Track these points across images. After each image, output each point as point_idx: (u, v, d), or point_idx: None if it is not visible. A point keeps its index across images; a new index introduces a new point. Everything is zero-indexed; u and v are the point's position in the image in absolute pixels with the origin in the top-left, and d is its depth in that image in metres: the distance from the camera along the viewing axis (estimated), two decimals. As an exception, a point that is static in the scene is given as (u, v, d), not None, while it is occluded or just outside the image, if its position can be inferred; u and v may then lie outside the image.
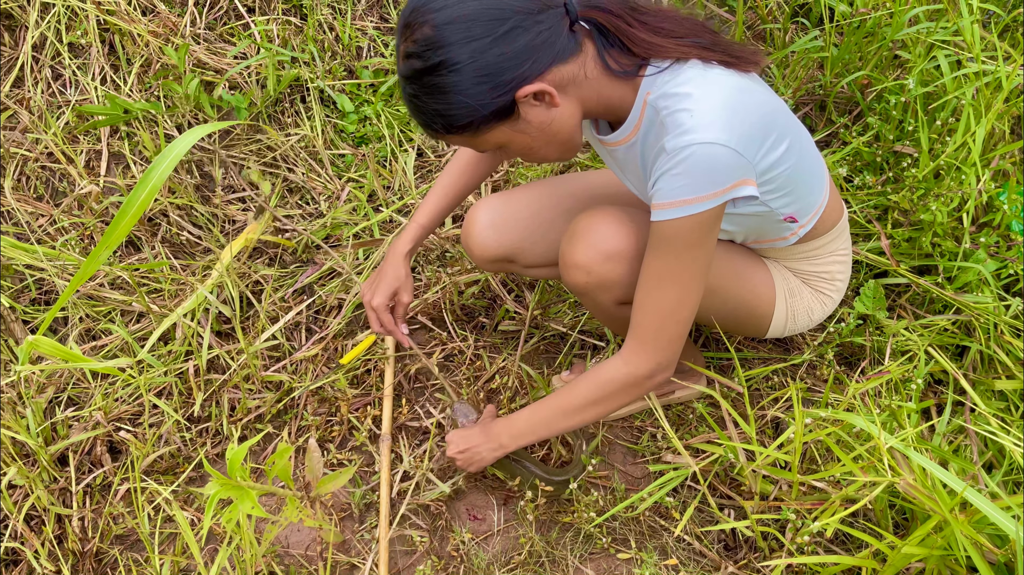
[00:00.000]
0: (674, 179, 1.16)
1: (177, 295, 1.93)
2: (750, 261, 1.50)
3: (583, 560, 1.57)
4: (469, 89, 1.12)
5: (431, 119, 1.18)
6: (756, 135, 1.19)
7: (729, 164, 1.15)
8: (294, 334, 1.93)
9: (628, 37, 1.20)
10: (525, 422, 1.46)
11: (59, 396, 1.80)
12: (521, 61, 1.12)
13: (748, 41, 2.43)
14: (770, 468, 1.44)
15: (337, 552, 1.60)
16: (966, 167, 1.78)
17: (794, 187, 1.32)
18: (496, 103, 1.14)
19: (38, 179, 2.13)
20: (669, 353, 1.30)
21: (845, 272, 1.56)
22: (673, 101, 1.17)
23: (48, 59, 2.24)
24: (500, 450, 1.49)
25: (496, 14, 1.10)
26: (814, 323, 1.58)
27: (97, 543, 1.63)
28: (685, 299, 1.25)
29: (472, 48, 1.09)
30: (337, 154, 2.27)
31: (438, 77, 1.12)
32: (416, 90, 1.15)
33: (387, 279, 1.62)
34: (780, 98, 1.34)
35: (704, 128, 1.13)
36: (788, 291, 1.52)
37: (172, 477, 1.70)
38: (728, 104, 1.16)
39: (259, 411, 1.78)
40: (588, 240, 1.36)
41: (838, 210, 1.50)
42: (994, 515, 1.14)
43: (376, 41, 2.45)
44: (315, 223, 2.10)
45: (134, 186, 2.08)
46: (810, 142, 1.38)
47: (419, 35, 1.11)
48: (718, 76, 1.19)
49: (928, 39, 1.95)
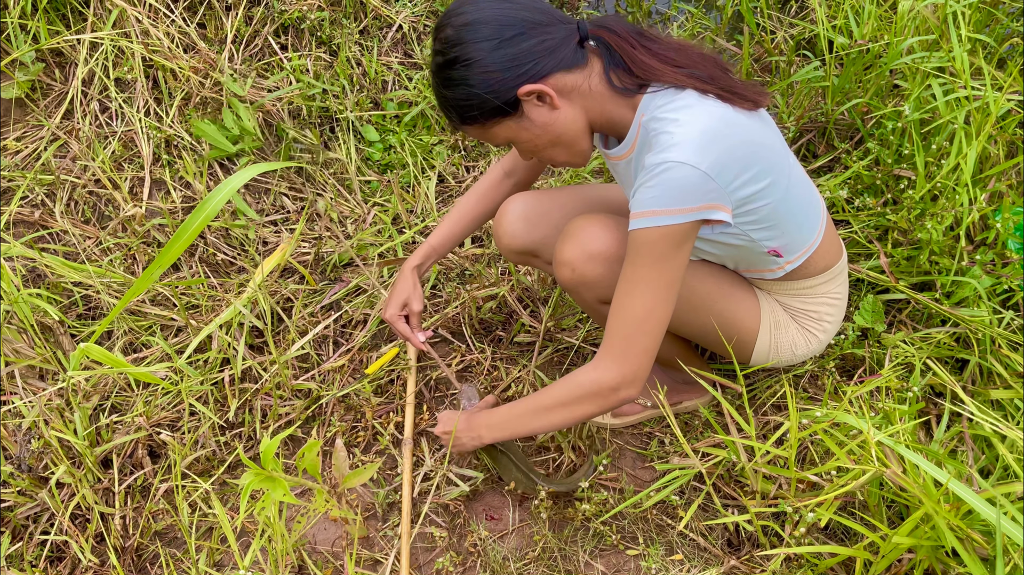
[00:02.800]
0: (647, 191, 1.26)
1: (214, 310, 2.05)
2: (739, 287, 1.58)
3: (593, 556, 1.65)
4: (477, 83, 1.29)
5: (448, 110, 1.36)
6: (733, 165, 1.27)
7: (698, 185, 1.24)
8: (322, 346, 2.05)
9: (630, 58, 1.32)
10: (501, 417, 1.53)
11: (103, 403, 1.92)
12: (523, 62, 1.28)
13: (755, 74, 2.55)
14: (769, 467, 1.52)
15: (362, 548, 1.70)
16: (959, 188, 1.87)
17: (778, 223, 1.40)
18: (500, 97, 1.30)
19: (86, 203, 2.28)
20: (635, 366, 1.34)
21: (835, 315, 1.62)
22: (661, 124, 1.28)
23: (96, 93, 2.41)
24: (477, 440, 1.56)
25: (506, 21, 1.27)
26: (797, 359, 1.64)
27: (138, 539, 1.73)
28: (653, 309, 1.31)
29: (482, 47, 1.27)
30: (364, 180, 2.40)
31: (453, 71, 1.30)
32: (438, 82, 1.34)
33: (396, 292, 1.76)
34: (780, 138, 1.42)
35: (680, 148, 1.24)
36: (774, 323, 1.59)
37: (207, 478, 1.81)
38: (709, 131, 1.26)
39: (289, 417, 1.89)
40: (576, 240, 1.47)
41: (834, 254, 1.56)
42: (974, 502, 1.22)
43: (400, 75, 2.60)
44: (343, 244, 2.22)
45: (176, 210, 2.23)
46: (803, 185, 1.45)
47: (443, 35, 1.30)
48: (709, 106, 1.29)
49: (923, 67, 2.06)
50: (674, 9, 2.89)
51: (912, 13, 2.14)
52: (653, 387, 1.82)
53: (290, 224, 2.31)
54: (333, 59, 2.55)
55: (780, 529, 1.52)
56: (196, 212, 1.42)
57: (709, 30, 2.70)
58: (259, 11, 2.53)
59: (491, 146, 2.48)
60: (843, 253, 1.60)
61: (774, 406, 1.81)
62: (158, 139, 2.36)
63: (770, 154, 1.35)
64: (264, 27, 2.54)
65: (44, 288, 2.07)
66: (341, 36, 2.56)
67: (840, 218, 2.07)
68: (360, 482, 1.56)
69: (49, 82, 2.44)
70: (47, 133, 2.35)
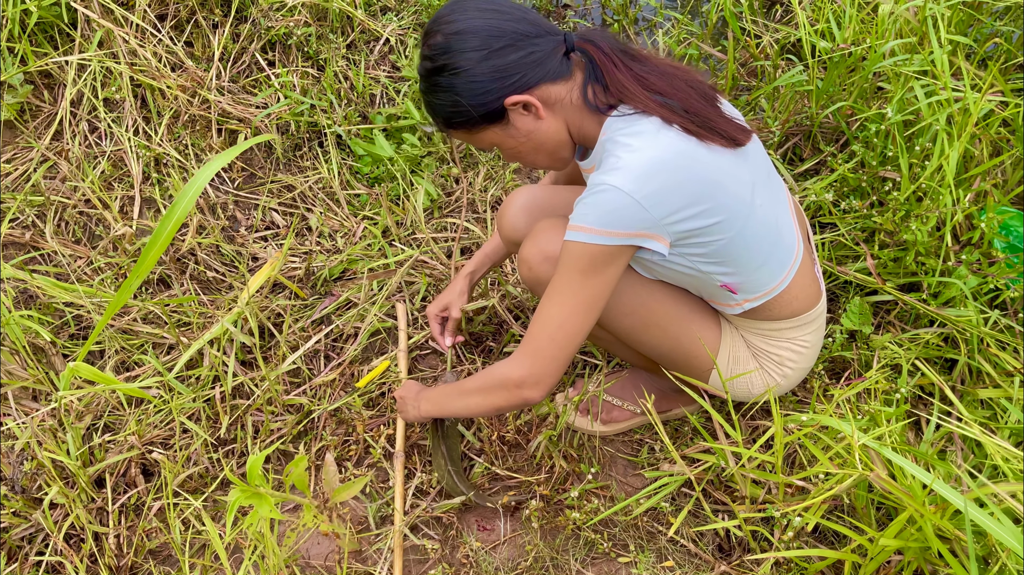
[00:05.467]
0: (583, 207, 1.28)
1: (204, 327, 2.06)
2: (700, 314, 1.56)
3: (585, 564, 1.66)
4: (464, 91, 1.32)
5: (435, 114, 1.39)
6: (675, 199, 1.27)
7: (630, 213, 1.25)
8: (313, 361, 2.05)
9: (608, 76, 1.33)
10: (436, 394, 1.63)
11: (96, 423, 1.93)
12: (510, 74, 1.30)
13: (741, 78, 2.56)
14: (757, 471, 1.52)
15: (355, 561, 1.70)
16: (943, 189, 1.88)
17: (731, 260, 1.39)
18: (487, 107, 1.33)
19: (76, 224, 2.29)
20: (541, 370, 1.37)
21: (800, 363, 1.59)
22: (615, 147, 1.30)
23: (85, 113, 2.42)
24: (416, 411, 1.67)
25: (496, 32, 1.29)
26: (753, 396, 1.63)
27: (132, 558, 1.74)
28: (567, 321, 1.34)
29: (470, 57, 1.29)
30: (353, 194, 2.41)
31: (441, 78, 1.32)
32: (426, 87, 1.36)
33: (444, 294, 1.92)
34: (753, 175, 1.38)
35: (620, 173, 1.25)
36: (733, 357, 1.58)
37: (200, 495, 1.82)
38: (656, 162, 1.25)
39: (281, 432, 1.90)
40: (535, 240, 1.52)
41: (805, 301, 1.52)
42: (957, 502, 1.22)
43: (388, 89, 2.61)
44: (333, 258, 2.23)
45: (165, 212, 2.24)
46: (768, 227, 1.40)
47: (433, 41, 1.32)
48: (667, 137, 1.28)
49: (904, 70, 2.07)
50: (660, 16, 2.90)
51: (892, 16, 2.15)
52: (641, 395, 1.83)
53: (280, 239, 2.32)
54: (320, 74, 2.57)
55: (769, 534, 1.53)
56: (168, 214, 1.39)
57: (695, 36, 2.72)
58: (246, 28, 2.55)
59: (480, 156, 2.49)
60: (819, 302, 1.56)
61: (763, 410, 1.82)
62: (147, 158, 2.37)
63: (724, 194, 1.31)
64: (251, 44, 2.56)
65: (35, 309, 2.08)
66: (328, 51, 2.57)
67: (827, 221, 2.08)
68: (350, 495, 1.57)
69: (38, 104, 2.45)
70: (36, 155, 2.36)
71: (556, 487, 1.76)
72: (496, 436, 1.82)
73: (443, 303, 1.90)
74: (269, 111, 2.43)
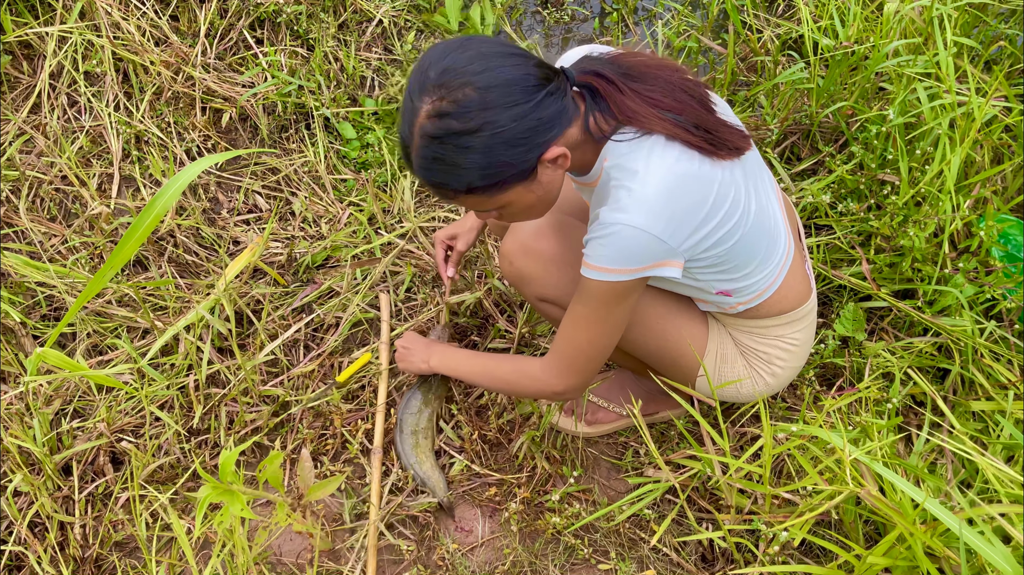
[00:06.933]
0: (599, 247, 1.24)
1: (181, 312, 2.00)
2: (686, 312, 1.53)
3: (564, 571, 1.62)
4: (505, 152, 1.16)
5: (453, 179, 1.19)
6: (687, 223, 1.24)
7: (650, 249, 1.23)
8: (292, 350, 2.00)
9: (617, 104, 1.24)
10: (456, 361, 1.64)
11: (65, 408, 1.87)
12: (552, 125, 1.19)
13: (740, 73, 2.50)
14: (744, 482, 1.48)
15: (327, 560, 1.65)
16: (943, 195, 1.84)
17: (730, 268, 1.36)
18: (525, 164, 1.20)
19: (52, 201, 2.22)
20: (580, 379, 1.43)
21: (790, 362, 1.55)
22: (622, 176, 1.23)
23: (64, 86, 2.35)
24: (425, 365, 1.69)
25: (530, 80, 1.16)
26: (742, 397, 1.59)
27: (97, 549, 1.69)
28: (596, 341, 1.37)
29: (514, 113, 1.14)
30: (339, 179, 2.35)
31: (476, 138, 1.14)
32: (443, 151, 1.16)
33: (456, 223, 1.84)
34: (748, 177, 1.34)
35: (635, 211, 1.20)
36: (720, 355, 1.55)
37: (170, 486, 1.76)
38: (666, 190, 1.21)
39: (256, 424, 1.84)
40: (516, 235, 1.50)
41: (795, 299, 1.49)
42: (949, 521, 1.18)
43: (381, 71, 2.54)
44: (316, 245, 2.17)
45: (143, 208, 2.18)
46: (762, 229, 1.36)
47: (459, 96, 1.12)
48: (672, 158, 1.22)
49: (908, 71, 2.02)
50: (660, 7, 2.84)
51: (898, 15, 2.10)
52: (627, 397, 1.78)
53: (263, 223, 2.26)
54: (310, 54, 2.50)
55: (754, 546, 1.49)
56: (149, 207, 1.37)
57: (694, 28, 2.66)
58: (234, 3, 2.47)
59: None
60: (809, 298, 1.52)
61: (753, 416, 1.77)
62: (128, 134, 2.30)
63: (728, 205, 1.28)
64: (239, 20, 2.48)
65: (6, 289, 2.01)
66: (318, 30, 2.50)
67: (823, 223, 2.04)
68: (325, 494, 1.52)
69: (16, 75, 2.38)
70: (13, 127, 2.28)
71: (537, 489, 1.71)
72: (477, 435, 1.77)
73: (452, 232, 1.83)
74: (255, 91, 2.36)
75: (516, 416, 1.78)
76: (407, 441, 1.76)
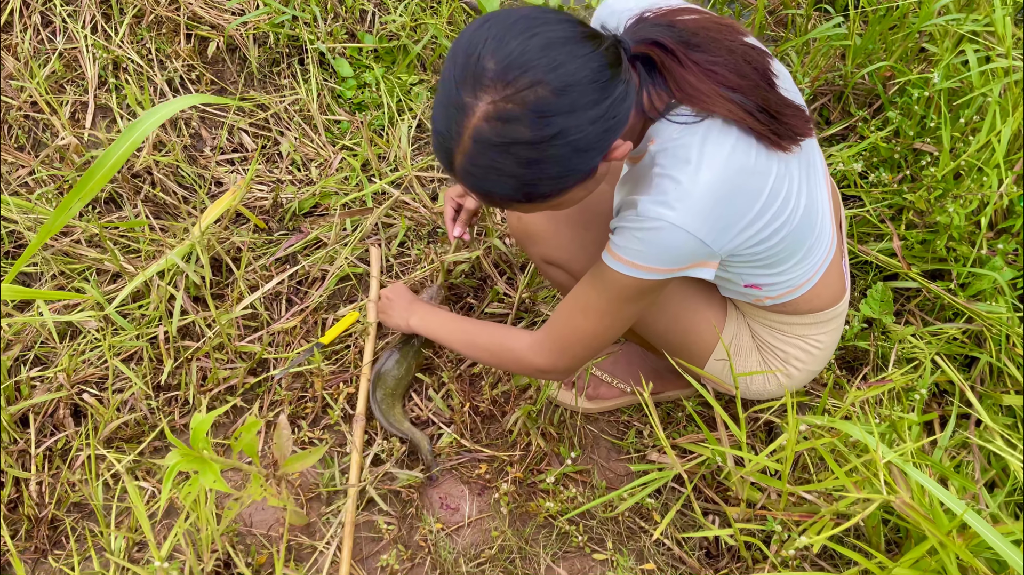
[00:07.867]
0: (634, 240, 1.10)
1: (155, 257, 1.85)
2: (703, 296, 1.40)
3: (556, 558, 1.50)
4: (576, 159, 1.00)
5: (510, 189, 1.02)
6: (737, 222, 1.11)
7: (690, 251, 1.10)
8: (274, 304, 1.85)
9: (675, 79, 1.07)
10: (437, 323, 1.56)
11: (25, 355, 1.73)
12: (623, 121, 1.01)
13: (768, 28, 2.33)
14: (759, 475, 1.35)
15: (301, 535, 1.53)
16: (988, 168, 1.69)
17: (767, 264, 1.22)
18: (591, 164, 1.02)
19: (20, 128, 2.05)
20: (570, 364, 1.33)
21: (808, 365, 1.43)
22: (670, 162, 1.08)
23: (38, 4, 2.16)
24: (404, 323, 1.62)
25: (604, 73, 0.97)
26: (751, 394, 1.47)
27: (53, 510, 1.56)
28: (601, 334, 1.26)
29: (591, 115, 0.96)
30: (332, 120, 2.18)
31: (548, 147, 0.97)
32: (502, 160, 0.98)
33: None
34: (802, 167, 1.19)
35: (682, 209, 1.06)
36: (735, 347, 1.43)
37: (135, 446, 1.64)
38: (717, 188, 1.06)
39: (230, 383, 1.70)
40: None
41: (827, 299, 1.36)
42: (995, 542, 1.06)
43: (382, 5, 2.36)
44: (304, 190, 2.01)
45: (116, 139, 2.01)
46: (808, 225, 1.22)
47: (530, 97, 0.93)
48: (728, 149, 1.07)
49: (957, 30, 1.85)
50: (684, -50, 2.64)
51: (951, -32, 1.92)
52: (633, 372, 1.65)
53: (248, 164, 2.09)
54: (306, -18, 2.30)
55: (764, 546, 1.37)
56: (122, 138, 1.29)
57: (721, -25, 2.47)
58: (225, -78, 2.27)
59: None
60: (842, 299, 1.38)
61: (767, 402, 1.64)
62: (105, 60, 2.12)
63: (779, 202, 1.14)
64: (230, -59, 2.28)
65: (-35, 222, 1.86)
66: (316, -43, 2.31)
67: (851, 193, 1.88)
68: (303, 467, 1.39)
69: (-14, -11, 2.19)
70: (-20, 47, 2.10)
71: (531, 468, 1.59)
72: (469, 406, 1.64)
73: (462, 190, 1.66)
74: (245, 19, 2.18)
75: (512, 388, 1.65)
76: (380, 404, 1.63)
